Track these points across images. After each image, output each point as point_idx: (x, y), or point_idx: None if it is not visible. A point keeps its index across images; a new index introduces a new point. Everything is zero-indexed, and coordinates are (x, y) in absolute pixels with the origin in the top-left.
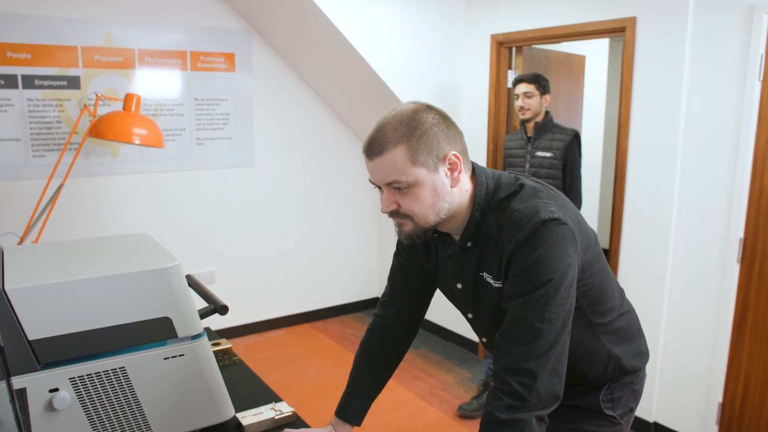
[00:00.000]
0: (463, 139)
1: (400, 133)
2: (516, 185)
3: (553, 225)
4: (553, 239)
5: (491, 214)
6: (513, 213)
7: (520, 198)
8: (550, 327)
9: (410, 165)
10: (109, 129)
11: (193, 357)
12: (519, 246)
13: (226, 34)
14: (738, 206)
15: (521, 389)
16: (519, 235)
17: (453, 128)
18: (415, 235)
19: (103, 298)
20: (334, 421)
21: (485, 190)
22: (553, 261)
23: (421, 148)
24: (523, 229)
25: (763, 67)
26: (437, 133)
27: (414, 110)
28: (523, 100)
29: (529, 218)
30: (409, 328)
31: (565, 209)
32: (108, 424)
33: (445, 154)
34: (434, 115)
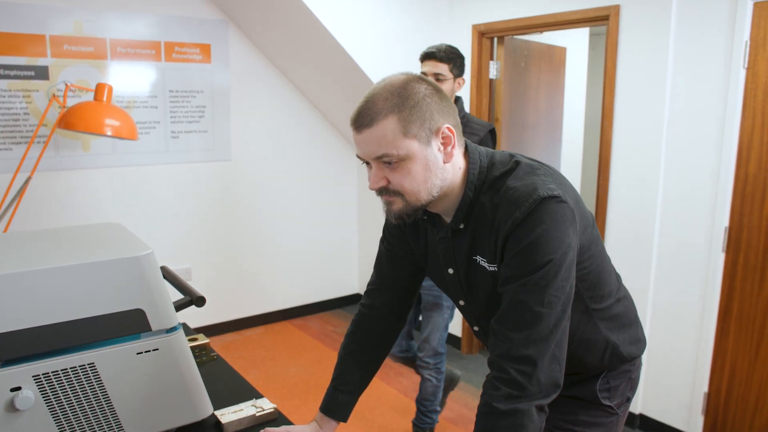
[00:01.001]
0: (456, 115)
1: (391, 103)
2: (511, 163)
3: (552, 203)
4: (553, 218)
5: (485, 193)
6: (509, 191)
7: (516, 176)
8: (550, 311)
9: (401, 137)
10: (79, 120)
11: (168, 351)
12: (516, 225)
13: (201, 24)
14: (723, 195)
15: (520, 377)
16: (516, 213)
17: (446, 101)
18: (405, 215)
19: (70, 289)
20: (318, 417)
21: (479, 168)
22: (553, 241)
23: (414, 119)
24: (520, 208)
25: (748, 55)
26: (430, 104)
27: (405, 80)
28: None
29: (526, 196)
30: (397, 318)
31: (563, 187)
32: (76, 424)
33: (438, 126)
34: (426, 86)
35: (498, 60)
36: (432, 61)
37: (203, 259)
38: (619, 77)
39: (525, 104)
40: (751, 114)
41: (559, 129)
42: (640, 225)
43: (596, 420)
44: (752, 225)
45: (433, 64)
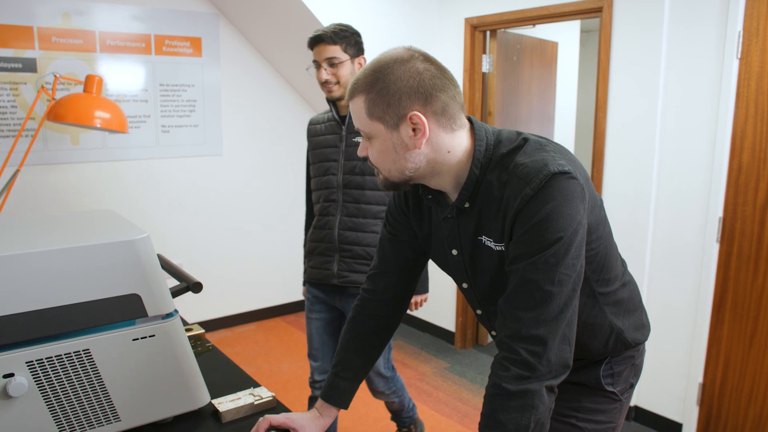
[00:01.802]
0: (447, 93)
1: (365, 82)
2: (519, 140)
3: (562, 179)
4: (563, 194)
5: (492, 170)
6: (518, 167)
7: (525, 152)
8: (560, 289)
9: (366, 117)
10: (68, 111)
11: (164, 338)
12: (526, 202)
13: (192, 17)
14: (717, 185)
15: (531, 357)
16: (526, 189)
17: (429, 84)
18: (390, 184)
19: (65, 273)
20: (318, 404)
21: (485, 145)
22: (564, 218)
23: (378, 102)
24: (530, 184)
25: (741, 45)
26: (401, 88)
27: (392, 59)
28: (328, 71)
29: (536, 172)
30: (399, 303)
31: (573, 163)
32: (71, 412)
33: (407, 113)
34: (409, 67)
35: (490, 54)
36: (320, 46)
37: (194, 255)
38: (612, 69)
39: (518, 98)
40: (745, 104)
41: (551, 123)
42: (635, 216)
43: (599, 406)
44: (746, 215)
45: (323, 49)
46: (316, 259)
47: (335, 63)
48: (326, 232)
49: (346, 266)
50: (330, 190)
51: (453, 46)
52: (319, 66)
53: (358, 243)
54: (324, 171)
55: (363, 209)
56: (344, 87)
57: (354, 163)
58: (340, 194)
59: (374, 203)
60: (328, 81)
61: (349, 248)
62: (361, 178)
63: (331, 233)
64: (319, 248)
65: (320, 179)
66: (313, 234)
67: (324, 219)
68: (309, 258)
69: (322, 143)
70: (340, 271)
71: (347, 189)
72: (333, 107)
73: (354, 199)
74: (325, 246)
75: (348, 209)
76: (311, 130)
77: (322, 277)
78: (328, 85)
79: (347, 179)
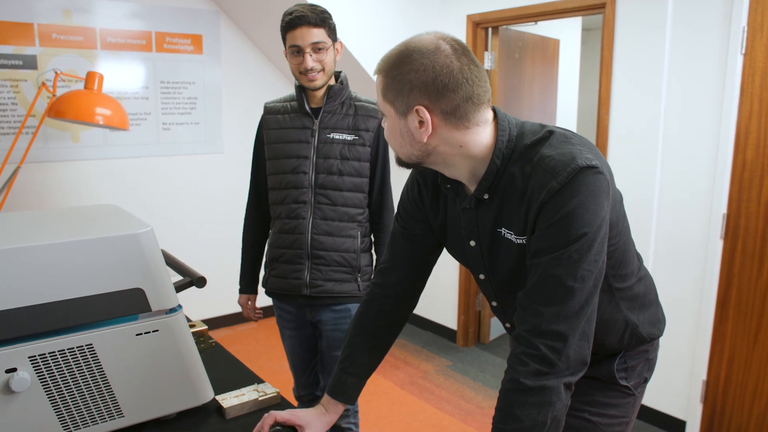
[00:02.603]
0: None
1: (387, 63)
2: (543, 132)
3: (590, 173)
4: (590, 189)
5: (515, 162)
6: (544, 160)
7: (550, 144)
8: (582, 286)
9: (381, 97)
10: (69, 108)
11: (168, 333)
12: (552, 195)
13: (193, 14)
14: (721, 181)
15: (550, 353)
16: (553, 183)
17: (442, 84)
18: (402, 163)
19: (68, 267)
20: (325, 400)
21: (507, 136)
22: (589, 213)
23: (391, 87)
24: (557, 177)
25: (746, 40)
26: (413, 80)
27: (417, 48)
28: (314, 57)
29: (564, 165)
30: (410, 298)
31: (599, 158)
32: (73, 407)
33: (414, 106)
34: (430, 62)
35: (492, 51)
36: (303, 29)
37: (195, 253)
38: (615, 65)
39: (519, 96)
40: (749, 100)
41: (552, 121)
42: (638, 212)
43: (613, 401)
44: (750, 211)
45: (306, 32)
46: (282, 267)
47: (321, 48)
48: (296, 237)
49: (320, 275)
50: (300, 191)
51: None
52: (302, 52)
53: (335, 249)
54: (291, 168)
55: (340, 212)
56: (327, 75)
57: (331, 162)
58: (312, 195)
59: (352, 206)
60: (313, 69)
61: (323, 254)
62: (339, 178)
63: (301, 238)
64: (286, 255)
65: (285, 177)
66: (278, 239)
67: (292, 222)
68: (272, 266)
69: (286, 137)
70: (312, 280)
71: (322, 189)
72: (304, 97)
73: (330, 200)
74: (294, 253)
75: (322, 211)
76: (270, 120)
77: (291, 288)
78: (312, 73)
79: (322, 179)
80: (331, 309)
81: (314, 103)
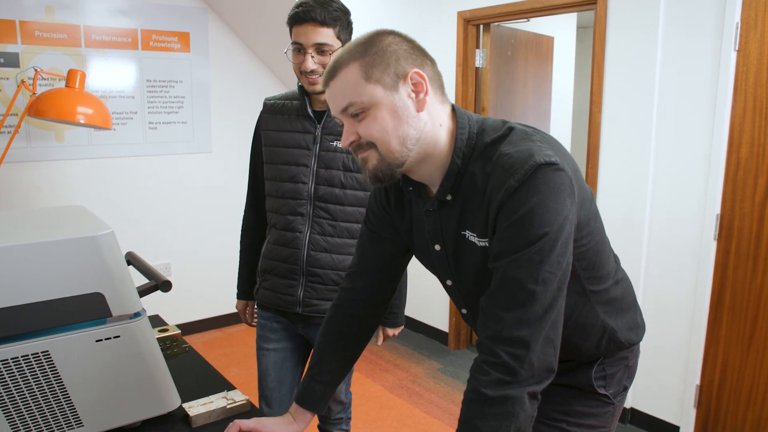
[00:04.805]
0: (434, 67)
1: (354, 52)
2: (504, 128)
3: (549, 170)
4: (550, 187)
5: (475, 161)
6: (502, 158)
7: (509, 141)
8: (544, 289)
9: (364, 82)
10: (50, 107)
11: (130, 339)
12: (510, 194)
13: (179, 11)
14: (714, 181)
15: (512, 361)
16: (510, 181)
17: (419, 51)
18: (381, 172)
19: (23, 271)
20: (292, 408)
21: (467, 133)
22: (549, 212)
23: (376, 63)
24: (514, 175)
25: (739, 37)
26: (396, 50)
27: (374, 32)
28: (316, 59)
29: (521, 162)
30: (380, 303)
31: (561, 154)
32: (29, 418)
33: (406, 72)
34: (396, 36)
35: (484, 48)
36: (308, 26)
37: (183, 255)
38: (607, 62)
39: (512, 94)
40: (743, 98)
41: (546, 119)
42: (630, 213)
43: (591, 410)
44: (744, 212)
45: (311, 30)
46: (274, 280)
47: (325, 51)
48: (291, 251)
49: (315, 293)
50: (298, 202)
51: (446, 40)
52: (303, 51)
53: (333, 267)
54: (289, 176)
55: (340, 228)
56: None
57: (333, 172)
58: (310, 207)
59: (354, 221)
60: (314, 71)
61: (320, 272)
62: (341, 192)
63: (297, 253)
64: (280, 269)
65: (282, 185)
66: (272, 251)
67: (288, 235)
68: (264, 278)
69: (286, 141)
70: (306, 298)
71: (321, 202)
72: (307, 100)
73: (330, 215)
74: (288, 268)
75: (321, 226)
76: (269, 120)
77: (283, 304)
78: (313, 76)
79: (323, 191)
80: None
81: (318, 106)
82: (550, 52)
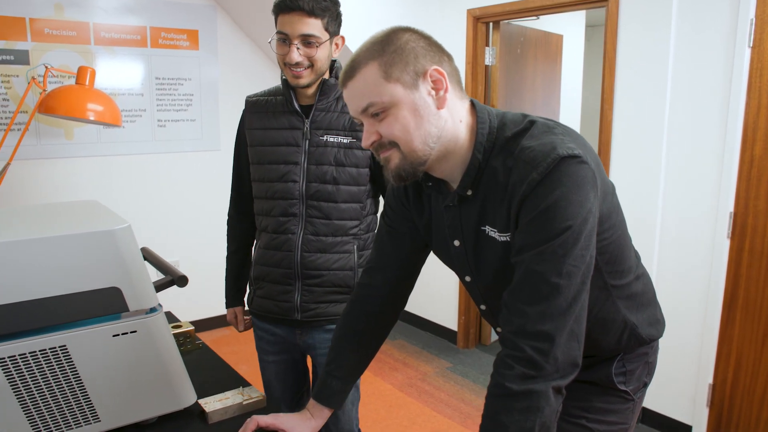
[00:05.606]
0: (452, 62)
1: (372, 50)
2: (525, 122)
3: (572, 163)
4: (573, 180)
5: (496, 156)
6: (524, 151)
7: (531, 135)
8: (568, 282)
9: (383, 82)
10: (60, 103)
11: (146, 334)
12: (533, 188)
13: (189, 9)
14: (728, 178)
15: (536, 355)
16: (533, 174)
17: (437, 48)
18: (404, 171)
19: (41, 265)
20: (310, 404)
21: (488, 128)
22: (573, 205)
23: (395, 62)
24: (537, 168)
25: (753, 33)
26: (415, 48)
27: (390, 30)
28: (301, 51)
29: (544, 156)
30: (397, 299)
31: (584, 147)
32: (46, 412)
33: (425, 69)
34: (413, 33)
35: (493, 46)
36: (293, 15)
37: (192, 252)
38: (619, 59)
39: (521, 91)
40: (757, 94)
41: (555, 117)
42: (642, 211)
43: (611, 406)
44: (758, 209)
45: (297, 20)
46: (269, 287)
47: (312, 42)
48: (284, 254)
49: (312, 297)
50: (289, 202)
51: (455, 38)
52: (289, 42)
53: (328, 268)
54: (279, 176)
55: (334, 226)
56: (317, 73)
57: (325, 168)
58: (302, 207)
59: (348, 218)
60: (299, 64)
61: (316, 275)
62: (334, 188)
63: (290, 256)
64: (273, 275)
65: (271, 186)
66: (263, 256)
67: (280, 238)
68: (258, 285)
69: (273, 139)
70: (304, 303)
71: (314, 201)
72: (293, 95)
73: (323, 213)
74: (282, 272)
75: (314, 226)
76: (252, 119)
77: (280, 312)
78: (298, 69)
79: (314, 188)
80: (324, 329)
81: (304, 100)
82: (559, 51)
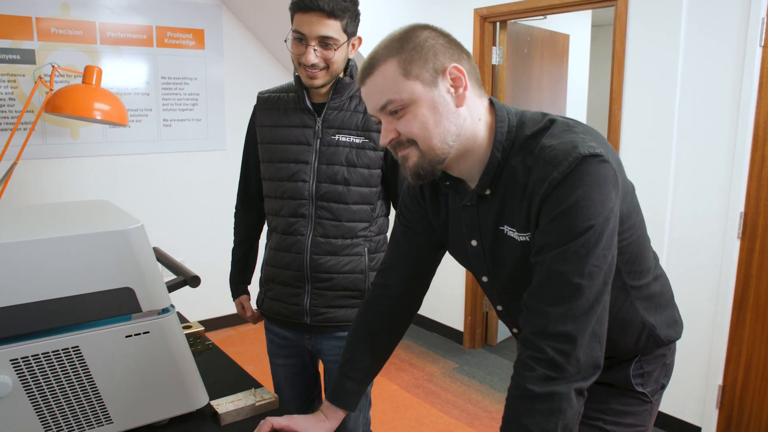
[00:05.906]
0: (471, 60)
1: (391, 48)
2: (545, 121)
3: (594, 162)
4: (595, 179)
5: (516, 154)
6: (545, 150)
7: (551, 134)
8: (590, 283)
9: (403, 79)
10: (67, 103)
11: (159, 335)
12: (554, 187)
13: (194, 8)
14: (738, 179)
15: (558, 357)
16: (554, 173)
17: (455, 45)
18: (422, 169)
19: (53, 265)
20: (324, 406)
21: (507, 126)
22: (595, 204)
23: (415, 59)
24: (558, 167)
25: (765, 32)
26: (434, 45)
27: (408, 27)
28: (318, 52)
29: (565, 154)
30: (412, 300)
31: (605, 146)
32: (59, 413)
33: (444, 67)
34: (432, 31)
35: (500, 46)
36: (312, 16)
37: (197, 252)
38: (628, 58)
39: (528, 91)
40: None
41: None
42: (651, 212)
43: (629, 408)
44: None
45: (316, 21)
46: (279, 289)
47: (330, 45)
48: (293, 256)
49: (322, 301)
50: (299, 202)
51: (462, 37)
52: (306, 42)
53: (338, 271)
54: (289, 175)
55: (344, 228)
56: (332, 75)
57: (336, 168)
58: (312, 208)
59: (358, 220)
60: (315, 65)
61: (326, 278)
62: (345, 189)
63: (299, 258)
64: (283, 277)
65: (281, 185)
66: (274, 257)
67: (290, 239)
68: (268, 287)
69: (284, 137)
70: (313, 306)
71: (324, 202)
72: (305, 92)
73: (333, 215)
74: (291, 275)
75: (324, 228)
76: (263, 115)
77: (289, 314)
78: (314, 70)
79: (325, 189)
80: (333, 336)
81: (317, 98)
82: (565, 50)
